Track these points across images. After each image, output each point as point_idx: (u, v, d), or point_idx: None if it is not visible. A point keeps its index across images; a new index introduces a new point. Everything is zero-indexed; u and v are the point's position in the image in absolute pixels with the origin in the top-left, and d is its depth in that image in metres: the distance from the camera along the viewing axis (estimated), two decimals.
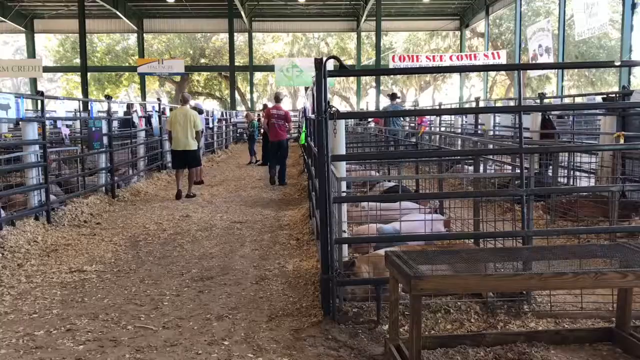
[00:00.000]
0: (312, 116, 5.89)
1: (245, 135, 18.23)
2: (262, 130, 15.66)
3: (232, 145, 24.59)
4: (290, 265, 5.79)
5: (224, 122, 23.52)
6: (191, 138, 10.38)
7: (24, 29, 32.43)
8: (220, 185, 12.31)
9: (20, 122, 7.69)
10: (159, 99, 16.08)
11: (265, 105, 16.86)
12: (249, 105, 35.34)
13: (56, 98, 10.63)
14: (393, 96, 15.99)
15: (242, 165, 17.16)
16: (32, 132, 7.74)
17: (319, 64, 3.87)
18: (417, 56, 30.72)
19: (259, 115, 16.01)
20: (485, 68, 21.14)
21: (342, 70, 4.50)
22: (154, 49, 39.93)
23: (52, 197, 8.00)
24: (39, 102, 8.22)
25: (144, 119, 12.46)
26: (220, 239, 7.07)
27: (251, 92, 35.28)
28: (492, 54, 29.29)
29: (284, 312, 4.42)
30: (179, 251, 6.50)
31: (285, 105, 43.97)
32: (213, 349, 3.73)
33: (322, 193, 3.95)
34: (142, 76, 32.74)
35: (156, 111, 13.29)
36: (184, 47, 40.76)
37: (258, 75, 41.28)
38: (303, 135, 12.17)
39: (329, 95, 4.00)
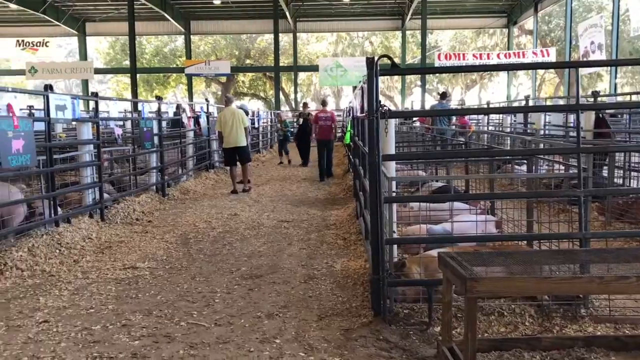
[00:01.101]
0: (361, 115, 5.86)
1: (278, 135, 18.23)
2: (293, 131, 15.97)
3: (276, 145, 24.77)
4: (338, 264, 5.79)
5: (269, 122, 23.73)
6: (241, 135, 10.89)
7: (76, 32, 33.46)
8: (266, 185, 12.42)
9: (75, 122, 7.93)
10: (207, 100, 16.35)
11: (305, 104, 16.92)
12: (293, 105, 35.55)
13: (109, 99, 10.95)
14: (443, 95, 15.86)
15: (286, 165, 17.24)
16: (86, 132, 7.98)
17: (371, 62, 3.85)
18: (463, 54, 30.28)
19: (303, 113, 15.92)
20: (537, 66, 20.72)
21: (394, 69, 4.47)
22: (201, 50, 40.61)
23: (105, 195, 8.22)
24: (93, 103, 8.45)
25: (192, 119, 12.69)
26: (268, 238, 7.13)
27: (295, 92, 35.47)
28: (541, 51, 28.55)
29: (333, 311, 4.42)
30: (228, 249, 6.59)
31: (329, 105, 43.94)
32: (264, 346, 3.76)
33: (373, 193, 3.94)
34: (189, 77, 33.32)
35: (204, 112, 13.51)
36: (229, 48, 41.32)
37: (302, 75, 41.45)
38: (348, 135, 12.16)
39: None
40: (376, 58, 3.89)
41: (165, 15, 29.83)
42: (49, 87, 6.83)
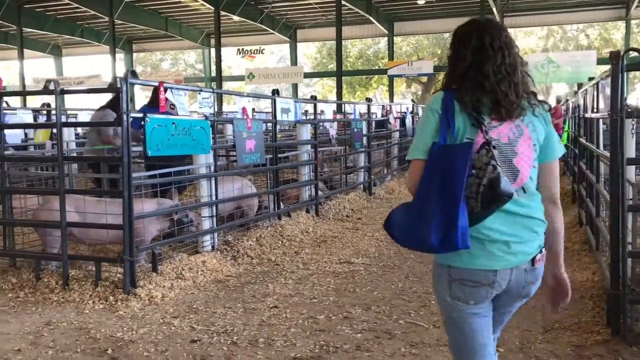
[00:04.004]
0: (594, 115, 5.40)
1: None
2: None
3: None
4: None
5: None
6: None
7: (288, 39, 35.99)
8: None
9: (296, 124, 8.52)
10: (413, 100, 16.46)
11: None
12: None
13: (325, 101, 11.56)
14: None
15: None
16: (305, 133, 8.52)
17: (616, 56, 3.51)
18: None
19: None
20: None
21: None
22: (403, 51, 41.00)
23: (319, 192, 8.70)
24: (313, 105, 8.99)
25: (398, 120, 12.86)
26: None
27: None
28: None
29: (560, 325, 4.13)
30: None
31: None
32: None
33: (615, 200, 3.59)
34: (391, 78, 33.83)
35: (409, 112, 13.62)
36: (432, 47, 41.09)
37: None
38: (565, 135, 11.29)
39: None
40: (622, 52, 3.53)
41: (370, 18, 30.64)
42: (276, 92, 7.43)
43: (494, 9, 29.36)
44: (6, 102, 8.47)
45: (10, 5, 28.07)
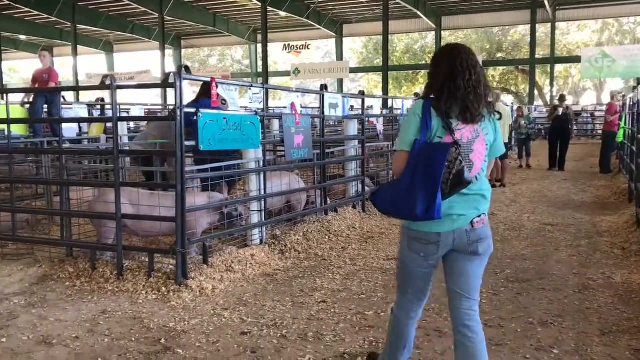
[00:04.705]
0: None
1: (518, 133, 15.53)
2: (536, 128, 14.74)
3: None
4: (617, 276, 5.23)
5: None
6: (506, 132, 11.24)
7: (334, 34, 35.95)
8: (522, 184, 11.81)
9: (344, 119, 8.49)
10: None
11: (562, 97, 14.99)
12: (547, 100, 33.24)
13: (373, 97, 11.50)
14: None
15: (543, 166, 15.62)
16: (353, 128, 8.50)
17: None
18: None
19: (560, 106, 14.20)
20: None
21: None
22: None
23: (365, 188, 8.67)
24: (361, 100, 8.96)
25: None
26: (531, 241, 6.76)
27: (551, 85, 33.09)
28: None
29: (618, 328, 4.01)
30: None
31: (589, 98, 40.00)
32: (541, 355, 3.58)
33: None
34: None
35: None
36: (480, 42, 40.31)
37: (558, 67, 38.51)
38: (621, 132, 10.91)
39: None
40: None
41: (418, 12, 30.29)
42: (324, 87, 7.43)
43: (546, 2, 28.60)
44: (63, 97, 8.73)
45: (65, 4, 29.01)
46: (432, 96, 2.77)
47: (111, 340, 3.91)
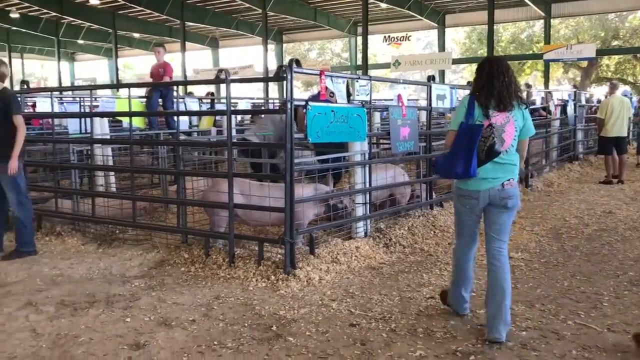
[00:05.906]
0: None
1: (636, 127, 14.33)
2: None
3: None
4: None
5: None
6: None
7: (436, 25, 35.12)
8: None
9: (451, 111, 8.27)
10: (575, 87, 15.30)
11: None
12: None
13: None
14: None
15: None
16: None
17: None
18: None
19: None
20: None
21: None
22: (560, 35, 38.23)
23: None
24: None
25: (559, 108, 12.01)
26: None
27: None
28: None
29: None
30: (608, 249, 6.03)
31: None
32: None
33: None
34: (547, 63, 31.72)
35: (572, 99, 12.65)
36: (594, 29, 37.85)
37: None
38: None
39: None
40: None
41: (526, 0, 28.94)
42: (431, 78, 7.27)
43: None
44: (175, 91, 9.18)
45: (174, 2, 30.51)
46: (476, 93, 3.80)
47: (225, 325, 4.06)
